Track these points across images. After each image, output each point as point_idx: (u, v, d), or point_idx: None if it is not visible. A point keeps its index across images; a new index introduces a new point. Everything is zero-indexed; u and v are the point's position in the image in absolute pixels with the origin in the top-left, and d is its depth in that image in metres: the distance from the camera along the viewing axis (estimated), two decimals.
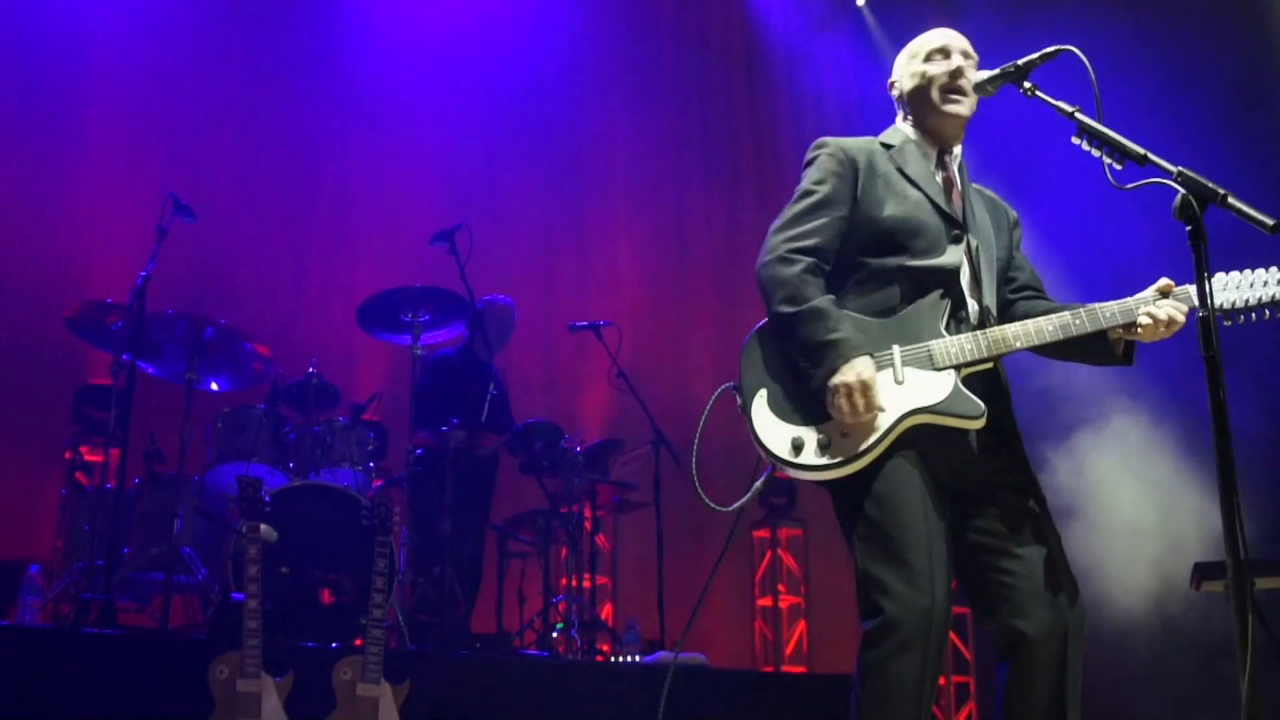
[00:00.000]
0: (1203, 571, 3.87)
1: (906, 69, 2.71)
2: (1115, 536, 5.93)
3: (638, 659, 5.64)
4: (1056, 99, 2.34)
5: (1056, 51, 2.38)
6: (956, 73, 2.61)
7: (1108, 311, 2.45)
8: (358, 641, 4.25)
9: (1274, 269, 2.42)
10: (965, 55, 2.65)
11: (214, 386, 5.54)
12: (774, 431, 2.41)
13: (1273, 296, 2.40)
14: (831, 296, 2.48)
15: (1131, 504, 6.00)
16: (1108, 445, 6.21)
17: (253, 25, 7.36)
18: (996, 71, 2.47)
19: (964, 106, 2.61)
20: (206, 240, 6.34)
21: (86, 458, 5.52)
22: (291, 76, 7.35)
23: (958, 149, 2.70)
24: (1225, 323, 2.42)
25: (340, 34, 7.60)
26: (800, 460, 2.37)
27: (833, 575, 7.60)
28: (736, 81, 9.27)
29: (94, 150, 6.65)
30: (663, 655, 5.51)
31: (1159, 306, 2.42)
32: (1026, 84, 2.41)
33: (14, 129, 6.42)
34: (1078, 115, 2.28)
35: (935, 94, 2.61)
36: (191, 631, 4.85)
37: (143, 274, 4.77)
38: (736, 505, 2.52)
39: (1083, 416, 6.23)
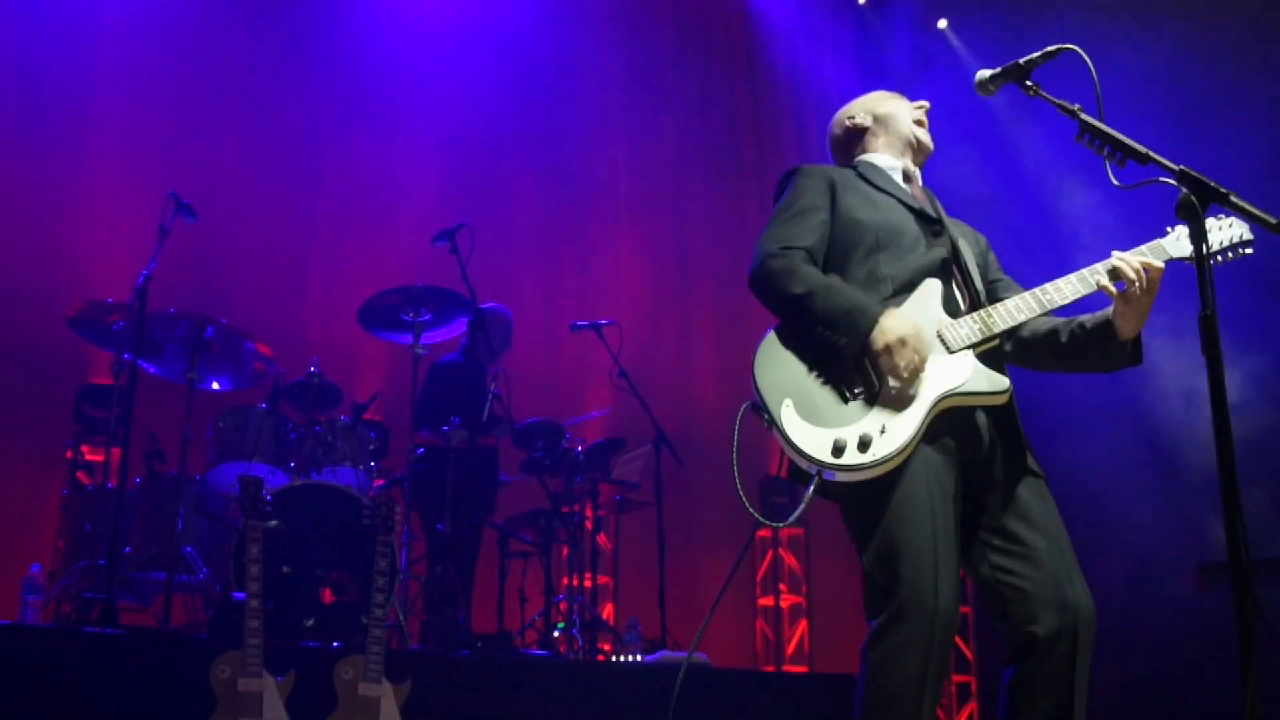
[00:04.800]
0: (1204, 571, 3.88)
1: (871, 105, 2.91)
2: (1115, 536, 5.93)
3: (639, 659, 5.64)
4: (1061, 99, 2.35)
5: (1058, 50, 2.39)
6: (923, 108, 2.86)
7: (1091, 272, 2.50)
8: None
9: (1222, 216, 2.51)
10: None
11: (215, 386, 5.54)
12: (811, 438, 2.38)
13: (1230, 240, 2.50)
14: (836, 276, 2.53)
15: (1132, 503, 6.00)
16: (1108, 443, 6.22)
17: (254, 26, 7.35)
18: (998, 70, 2.47)
19: (929, 140, 2.83)
20: (208, 239, 6.33)
21: (88, 457, 5.52)
22: (293, 76, 7.35)
23: (918, 175, 2.82)
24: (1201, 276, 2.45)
25: (342, 34, 7.60)
26: (844, 461, 2.35)
27: (834, 575, 7.61)
28: (738, 80, 9.28)
29: (96, 149, 6.65)
30: (664, 655, 5.51)
31: (1128, 262, 2.44)
32: (1029, 83, 2.41)
33: (16, 128, 6.42)
34: (1080, 114, 2.28)
35: (908, 121, 2.83)
36: (193, 631, 4.85)
37: (144, 273, 4.77)
38: (793, 517, 2.50)
39: (1081, 413, 6.24)
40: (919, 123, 2.83)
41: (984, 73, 2.53)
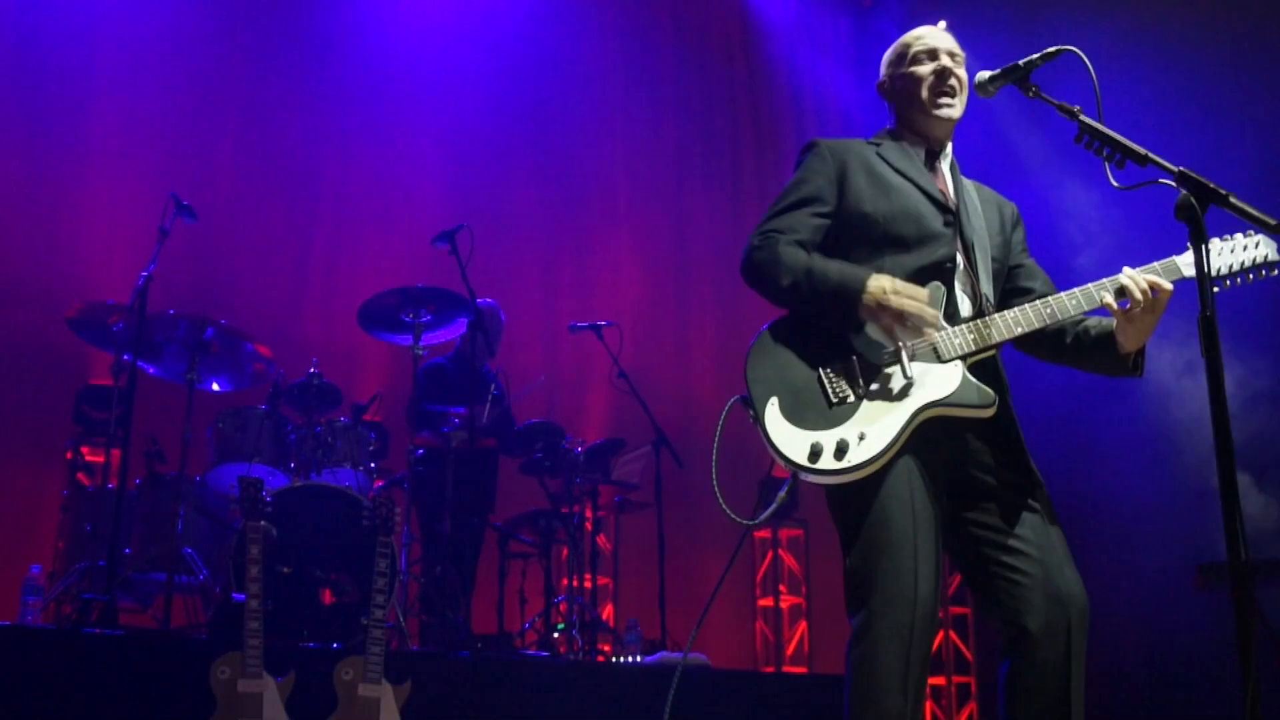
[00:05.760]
0: (1204, 572, 3.88)
1: (894, 70, 2.72)
2: (1115, 535, 5.93)
3: (639, 659, 5.65)
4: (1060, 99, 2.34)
5: (1058, 52, 2.38)
6: (944, 73, 2.63)
7: (1098, 288, 2.45)
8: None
9: (1251, 233, 2.43)
10: (951, 55, 2.66)
11: (215, 387, 5.54)
12: (790, 439, 2.39)
13: (1255, 260, 2.42)
14: (819, 255, 2.51)
15: (1132, 503, 6.00)
16: (1108, 442, 6.22)
17: (254, 26, 7.35)
18: (998, 71, 2.47)
19: (954, 109, 2.64)
20: (208, 240, 6.34)
21: (88, 458, 5.51)
22: (293, 77, 7.34)
23: (948, 147, 2.71)
24: (1213, 289, 2.42)
25: (341, 34, 7.60)
26: (819, 466, 2.36)
27: (834, 576, 7.52)
28: (737, 80, 9.28)
29: (96, 150, 6.65)
30: (664, 655, 5.51)
31: (1135, 281, 2.40)
32: (1029, 84, 2.41)
33: (16, 129, 6.42)
34: (1080, 116, 2.28)
35: (925, 95, 2.63)
36: (193, 632, 4.85)
37: (144, 274, 4.77)
38: (763, 517, 2.51)
39: (1082, 413, 6.24)
40: (935, 90, 2.62)
41: (983, 74, 2.52)
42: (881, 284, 2.38)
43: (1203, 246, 2.03)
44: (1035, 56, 2.40)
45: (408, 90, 7.69)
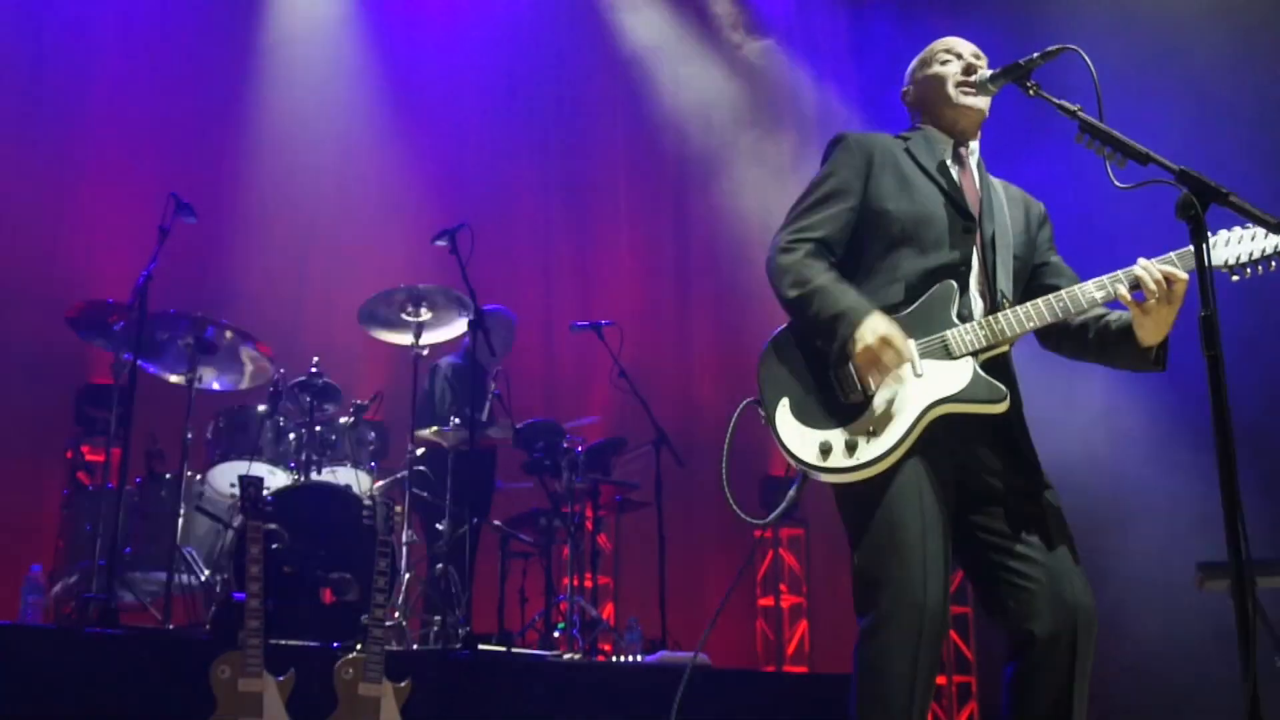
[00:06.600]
0: (1205, 570, 3.88)
1: (919, 73, 2.75)
2: (1115, 535, 5.93)
3: (639, 659, 5.64)
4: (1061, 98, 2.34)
5: (1059, 50, 2.38)
6: (969, 69, 2.65)
7: (1112, 280, 2.43)
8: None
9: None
10: (976, 56, 2.69)
11: (215, 386, 5.54)
12: (800, 438, 2.41)
13: (1275, 247, 2.39)
14: (836, 274, 2.50)
15: (1132, 502, 6.00)
16: (1108, 443, 6.21)
17: (254, 25, 7.35)
18: (999, 70, 2.48)
19: (979, 101, 2.64)
20: (208, 239, 6.34)
21: (88, 457, 5.51)
22: (293, 76, 7.34)
23: (974, 144, 2.70)
24: (1233, 278, 2.42)
25: (342, 34, 7.60)
26: (829, 464, 2.37)
27: (835, 575, 7.60)
28: (738, 79, 9.26)
29: (96, 149, 6.65)
30: (664, 655, 5.51)
31: (1150, 272, 2.38)
32: (1029, 83, 2.41)
33: (16, 128, 6.42)
34: (1080, 114, 2.28)
35: (950, 88, 2.65)
36: (193, 631, 4.84)
37: (144, 273, 4.77)
38: (773, 517, 2.52)
39: (1083, 413, 6.23)
40: (964, 85, 2.64)
41: (984, 73, 2.53)
42: (875, 336, 2.35)
43: (1204, 246, 2.03)
44: (1035, 55, 2.41)
45: (408, 89, 7.69)
